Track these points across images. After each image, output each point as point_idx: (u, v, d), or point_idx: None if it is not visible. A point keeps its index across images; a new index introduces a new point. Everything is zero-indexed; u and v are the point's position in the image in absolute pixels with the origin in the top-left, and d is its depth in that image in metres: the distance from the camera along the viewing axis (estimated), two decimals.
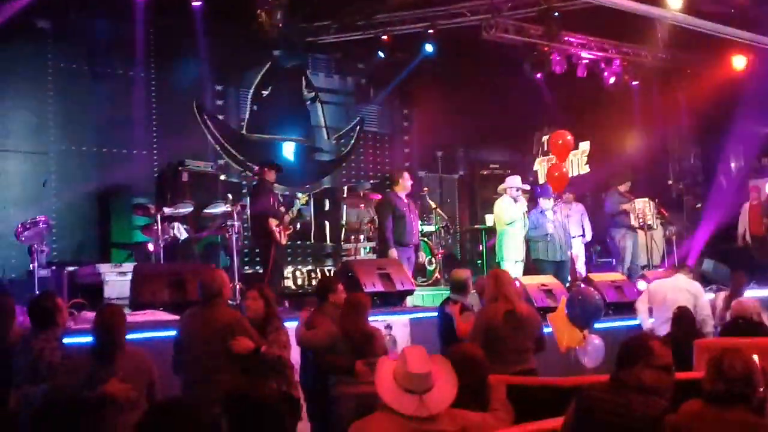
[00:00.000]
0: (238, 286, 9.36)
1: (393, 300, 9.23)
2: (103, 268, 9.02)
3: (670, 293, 9.01)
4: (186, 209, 10.07)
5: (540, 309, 8.37)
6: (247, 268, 12.33)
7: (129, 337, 6.53)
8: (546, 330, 7.25)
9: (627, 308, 10.56)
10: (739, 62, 15.27)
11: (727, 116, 16.65)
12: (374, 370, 6.27)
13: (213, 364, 5.92)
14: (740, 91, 15.69)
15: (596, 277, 10.94)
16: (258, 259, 11.83)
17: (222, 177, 12.52)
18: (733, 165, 18.73)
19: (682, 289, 9.08)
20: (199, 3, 11.38)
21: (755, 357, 6.29)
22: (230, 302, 8.65)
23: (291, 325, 6.75)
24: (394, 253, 10.34)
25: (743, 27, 13.23)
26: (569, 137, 9.76)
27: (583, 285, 10.40)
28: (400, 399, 4.04)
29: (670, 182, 16.92)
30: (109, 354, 5.41)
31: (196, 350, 6.04)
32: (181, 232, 9.81)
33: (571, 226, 12.06)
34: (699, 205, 16.08)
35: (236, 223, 9.90)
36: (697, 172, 17.78)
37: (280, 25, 12.00)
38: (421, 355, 4.19)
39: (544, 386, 5.42)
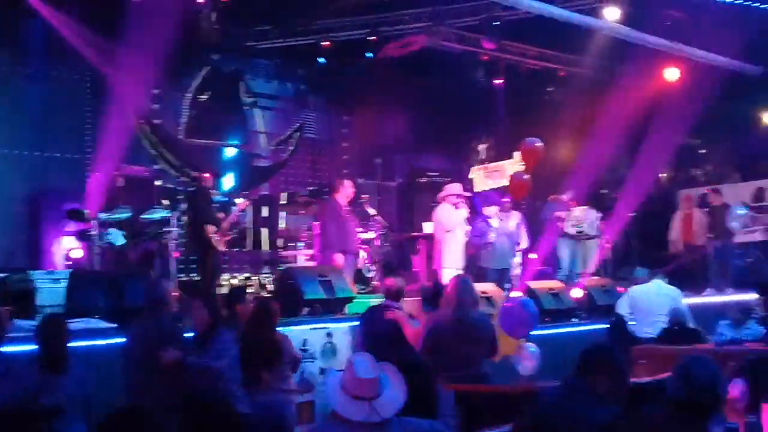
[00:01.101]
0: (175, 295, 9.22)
1: (334, 307, 9.16)
2: (36, 274, 8.75)
3: (654, 297, 9.62)
4: (123, 215, 9.86)
5: None
6: (182, 275, 12.10)
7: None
8: None
9: (564, 315, 10.72)
10: (671, 74, 15.60)
11: (658, 127, 17.04)
12: (280, 379, 6.38)
13: (146, 374, 5.92)
14: (672, 103, 16.05)
15: (534, 284, 11.03)
16: (194, 266, 11.65)
17: (158, 182, 12.28)
18: (663, 174, 19.19)
19: (664, 294, 9.69)
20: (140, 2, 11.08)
21: None
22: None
23: None
24: (340, 258, 10.30)
25: (677, 40, 13.55)
26: (539, 144, 9.78)
27: (519, 293, 10.52)
28: (349, 406, 4.00)
29: (603, 191, 17.18)
30: (60, 364, 5.46)
31: (135, 360, 6.07)
32: (117, 238, 9.59)
33: None
34: (632, 214, 16.36)
35: (174, 230, 9.74)
36: (628, 182, 18.10)
37: (219, 29, 11.94)
38: (368, 361, 4.16)
39: (492, 393, 5.43)
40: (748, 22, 12.75)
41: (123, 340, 6.53)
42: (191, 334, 6.43)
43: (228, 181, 13.16)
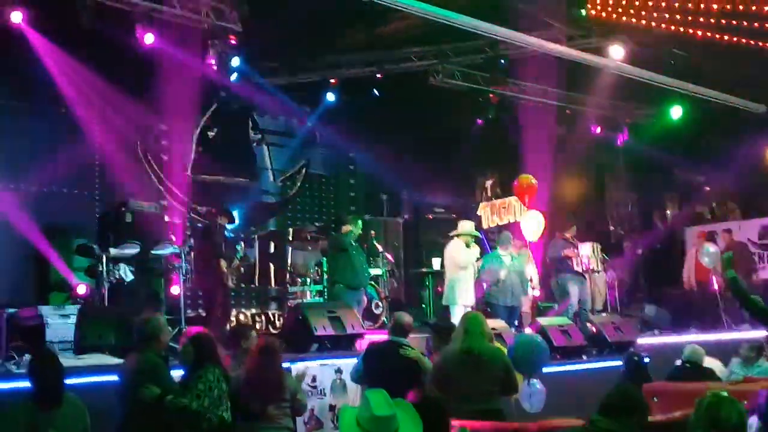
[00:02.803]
0: (185, 330, 9.18)
1: (343, 343, 9.12)
2: (45, 310, 8.71)
3: None
4: (133, 250, 9.84)
5: None
6: (189, 311, 12.05)
7: (74, 381, 6.44)
8: None
9: (574, 353, 10.68)
10: (676, 112, 15.71)
11: (663, 164, 17.12)
12: (286, 413, 6.38)
13: (129, 410, 5.90)
14: (676, 140, 16.14)
15: (544, 321, 11.00)
16: (200, 302, 11.64)
17: (166, 218, 12.29)
18: (668, 212, 19.23)
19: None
20: (150, 41, 11.16)
21: None
22: (173, 346, 8.54)
23: None
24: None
25: (682, 78, 13.65)
26: (533, 181, 9.85)
27: (529, 330, 10.49)
28: None
29: (611, 228, 17.21)
30: (51, 402, 5.39)
31: (122, 396, 6.06)
32: (126, 273, 9.58)
33: None
34: (640, 251, 16.38)
35: (184, 265, 9.73)
36: (634, 218, 18.17)
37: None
38: (384, 398, 4.16)
39: (505, 430, 5.38)
40: (751, 60, 12.87)
41: None
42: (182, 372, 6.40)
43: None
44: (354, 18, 12.61)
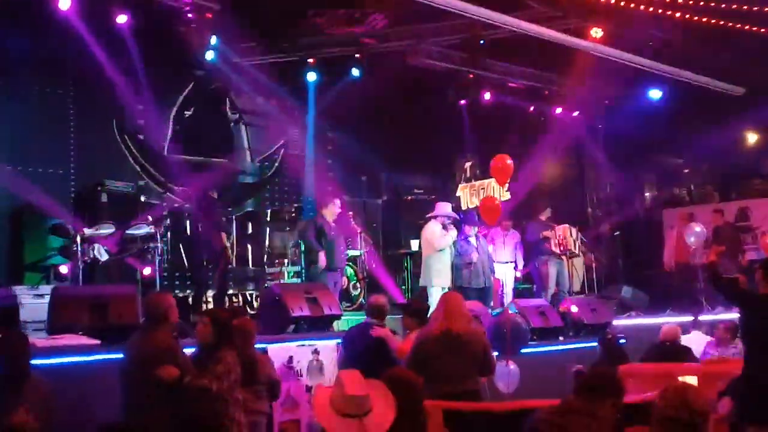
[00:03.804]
0: None
1: (320, 324, 9.10)
2: (19, 290, 8.64)
3: None
4: (108, 230, 9.76)
5: None
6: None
7: (47, 362, 6.39)
8: None
9: (551, 334, 10.72)
10: (655, 94, 15.73)
11: (641, 147, 17.16)
12: (258, 397, 6.33)
13: (142, 392, 5.79)
14: (654, 123, 16.17)
15: (521, 302, 11.04)
16: (177, 282, 11.58)
17: (142, 198, 12.18)
18: (647, 194, 19.31)
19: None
20: (123, 21, 11.03)
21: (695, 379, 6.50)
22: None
23: None
24: (322, 258, 10.45)
25: (661, 60, 13.65)
26: (509, 161, 9.85)
27: (508, 311, 10.51)
28: (339, 424, 3.97)
29: (589, 210, 17.26)
30: (17, 383, 5.36)
31: (128, 375, 5.97)
32: (101, 253, 9.50)
33: (504, 252, 12.18)
34: (617, 233, 16.43)
35: (159, 246, 9.67)
36: (612, 201, 18.22)
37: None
38: (357, 378, 4.14)
39: (483, 410, 5.38)
40: (729, 42, 12.89)
41: (107, 356, 6.47)
42: (192, 350, 6.33)
43: None
44: None
